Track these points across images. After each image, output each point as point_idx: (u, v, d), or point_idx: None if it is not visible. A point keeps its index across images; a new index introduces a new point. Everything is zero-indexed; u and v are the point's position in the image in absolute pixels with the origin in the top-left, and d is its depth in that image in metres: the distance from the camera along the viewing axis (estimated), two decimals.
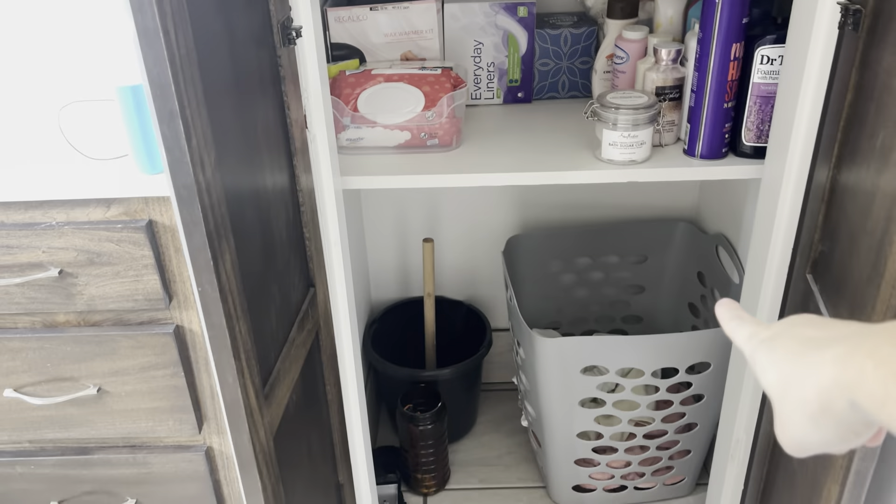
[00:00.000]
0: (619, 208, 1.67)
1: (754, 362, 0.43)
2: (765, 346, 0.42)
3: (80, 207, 1.04)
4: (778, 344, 0.41)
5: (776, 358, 0.41)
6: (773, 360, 0.41)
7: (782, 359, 0.40)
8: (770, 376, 0.41)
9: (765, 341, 0.42)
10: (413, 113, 1.17)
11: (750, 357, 0.43)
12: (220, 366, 0.67)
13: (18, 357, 1.13)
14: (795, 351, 0.39)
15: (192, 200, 0.60)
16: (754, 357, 0.43)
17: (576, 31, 1.36)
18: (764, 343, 0.42)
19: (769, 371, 0.41)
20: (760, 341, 0.43)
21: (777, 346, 0.41)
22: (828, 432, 0.38)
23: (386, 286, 1.78)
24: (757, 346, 0.43)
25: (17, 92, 1.38)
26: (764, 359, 0.42)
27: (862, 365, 0.34)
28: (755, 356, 0.43)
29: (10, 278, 1.06)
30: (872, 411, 0.34)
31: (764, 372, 0.41)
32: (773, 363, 0.41)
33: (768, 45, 1.05)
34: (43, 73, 1.36)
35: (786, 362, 0.40)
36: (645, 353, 1.30)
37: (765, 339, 0.42)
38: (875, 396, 0.33)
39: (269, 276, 0.78)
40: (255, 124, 0.75)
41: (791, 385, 0.39)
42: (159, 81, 0.56)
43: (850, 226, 0.80)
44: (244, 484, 0.74)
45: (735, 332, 0.46)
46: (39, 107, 1.32)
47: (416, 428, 1.49)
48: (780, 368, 0.40)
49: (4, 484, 1.26)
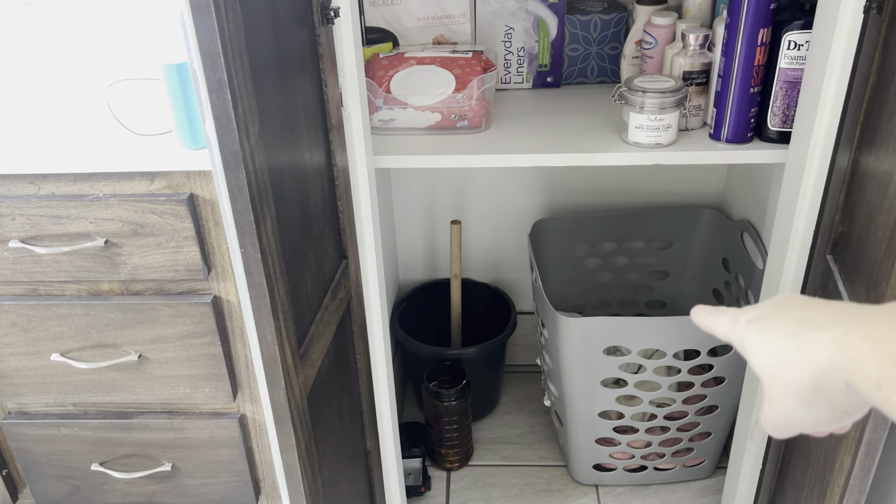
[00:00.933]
0: (645, 194, 1.69)
1: (742, 344, 0.42)
2: (753, 325, 0.41)
3: (126, 180, 1.09)
4: (769, 324, 0.40)
5: (768, 338, 0.40)
6: (764, 339, 0.40)
7: (775, 338, 0.39)
8: (762, 356, 0.40)
9: (753, 321, 0.41)
10: (444, 95, 1.20)
11: (738, 340, 0.42)
12: (260, 324, 0.71)
13: (65, 323, 1.19)
14: (790, 330, 0.39)
15: (238, 166, 0.64)
16: (742, 339, 0.42)
17: (605, 16, 1.38)
18: (752, 323, 0.41)
19: (761, 351, 0.40)
20: (748, 321, 0.42)
21: (768, 326, 0.40)
22: (820, 412, 0.38)
23: (414, 267, 1.82)
24: (744, 327, 0.42)
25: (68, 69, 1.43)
26: (754, 339, 0.41)
27: (858, 347, 0.34)
28: (743, 338, 0.42)
29: (59, 247, 1.11)
30: (867, 394, 0.34)
31: (755, 353, 0.41)
32: (766, 343, 0.40)
33: (795, 30, 1.06)
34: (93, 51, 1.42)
35: (780, 341, 0.39)
36: (667, 334, 1.32)
37: (752, 318, 0.42)
38: (871, 379, 0.33)
39: (305, 243, 0.82)
40: (294, 99, 0.79)
41: (784, 364, 0.38)
42: (210, 53, 0.60)
43: (868, 206, 0.82)
44: (279, 440, 0.78)
45: (714, 323, 0.45)
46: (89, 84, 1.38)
47: (441, 404, 1.53)
48: (773, 348, 0.39)
49: (49, 445, 1.32)
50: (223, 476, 1.35)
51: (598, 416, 1.44)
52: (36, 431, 1.30)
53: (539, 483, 1.58)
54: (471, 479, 1.60)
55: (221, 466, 1.34)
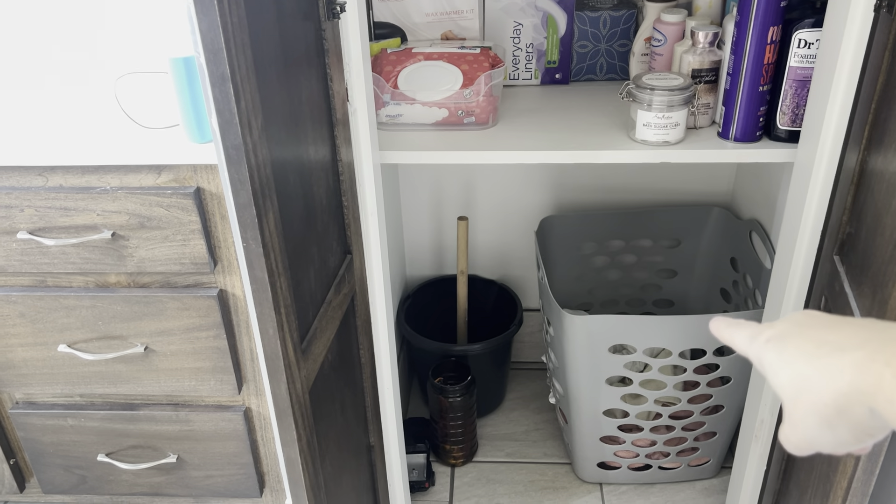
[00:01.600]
0: (653, 192, 1.68)
1: (762, 362, 0.42)
2: (773, 345, 0.41)
3: (133, 173, 1.09)
4: (789, 343, 0.40)
5: (788, 358, 0.40)
6: (784, 359, 0.40)
7: (796, 359, 0.39)
8: (783, 376, 0.40)
9: (772, 340, 0.41)
10: (451, 91, 1.20)
11: (756, 357, 0.42)
12: (262, 318, 0.71)
13: (72, 314, 1.20)
14: (811, 352, 0.39)
15: (240, 160, 0.64)
16: (762, 357, 0.42)
17: (615, 13, 1.37)
18: (771, 342, 0.41)
19: (781, 371, 0.40)
20: (766, 340, 0.42)
21: (788, 346, 0.40)
22: (842, 434, 0.38)
23: (420, 263, 1.82)
24: (763, 346, 0.42)
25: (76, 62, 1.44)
26: (774, 358, 0.41)
27: (881, 373, 0.35)
28: (762, 356, 0.42)
29: (66, 239, 1.12)
30: (891, 419, 0.35)
31: (775, 372, 0.40)
32: (786, 363, 0.40)
33: (806, 28, 1.05)
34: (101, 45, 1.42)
35: (801, 363, 0.39)
36: (673, 333, 1.32)
37: (771, 337, 0.41)
38: (894, 405, 0.34)
39: (309, 237, 0.82)
40: (299, 94, 0.79)
41: (807, 387, 0.38)
42: (213, 47, 0.60)
43: (876, 207, 0.81)
44: (280, 434, 0.78)
45: (733, 337, 0.45)
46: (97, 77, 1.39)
47: (446, 400, 1.53)
48: (793, 369, 0.39)
49: (56, 435, 1.33)
50: (228, 469, 1.36)
51: (602, 415, 1.44)
52: (43, 422, 1.31)
53: (543, 480, 1.58)
54: (475, 476, 1.60)
55: (226, 459, 1.34)
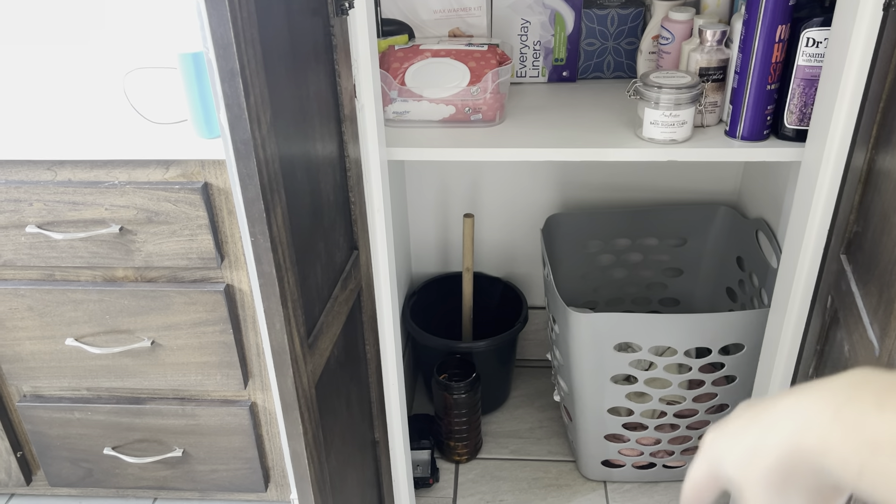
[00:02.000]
0: (660, 191, 1.68)
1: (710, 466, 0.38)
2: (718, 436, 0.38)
3: (141, 168, 1.10)
4: (727, 429, 0.38)
5: (729, 438, 0.37)
6: (726, 442, 0.38)
7: (736, 435, 0.37)
8: (728, 459, 0.37)
9: (717, 436, 0.39)
10: (458, 88, 1.20)
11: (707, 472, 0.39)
12: (269, 313, 0.71)
13: (80, 308, 1.20)
14: (747, 424, 0.37)
15: (249, 155, 0.64)
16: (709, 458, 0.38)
17: (623, 11, 1.37)
18: (717, 437, 0.39)
19: (726, 455, 0.37)
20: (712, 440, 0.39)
21: (726, 431, 0.38)
22: (796, 502, 0.35)
23: (426, 260, 1.82)
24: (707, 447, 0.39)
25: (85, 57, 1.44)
26: (717, 447, 0.38)
27: (828, 429, 0.32)
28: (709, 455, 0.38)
29: (75, 233, 1.13)
30: (847, 480, 0.32)
31: (721, 460, 0.37)
32: (729, 444, 0.37)
33: (814, 27, 1.05)
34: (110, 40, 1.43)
35: (741, 435, 0.37)
36: (678, 332, 1.32)
37: (717, 434, 0.39)
38: (849, 465, 0.31)
39: (316, 232, 0.83)
40: (307, 89, 0.80)
41: (749, 459, 0.36)
42: (222, 42, 0.60)
43: (883, 205, 0.81)
44: (286, 427, 0.79)
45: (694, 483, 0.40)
46: (106, 72, 1.39)
47: (451, 396, 1.53)
48: (736, 445, 0.37)
49: (63, 428, 1.34)
50: (233, 463, 1.36)
51: (607, 413, 1.44)
52: (50, 415, 1.32)
53: (547, 478, 1.59)
54: (479, 472, 1.61)
55: (232, 453, 1.35)
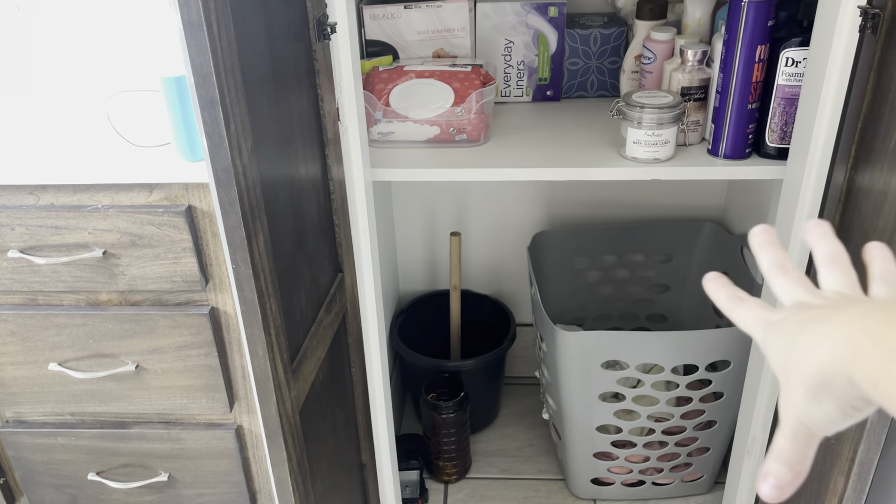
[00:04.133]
0: (645, 207, 1.69)
1: (766, 346, 0.43)
2: (774, 329, 0.42)
3: (125, 192, 1.09)
4: (787, 325, 0.41)
5: (783, 339, 0.41)
6: (781, 341, 0.41)
7: (788, 338, 0.41)
8: (778, 357, 0.41)
9: (773, 325, 0.43)
10: (442, 108, 1.21)
11: (762, 342, 0.44)
12: (252, 340, 0.71)
13: (63, 333, 1.19)
14: (797, 329, 0.40)
15: (230, 183, 0.64)
16: (766, 342, 0.43)
17: (605, 31, 1.38)
18: (773, 326, 0.43)
19: (778, 354, 0.41)
20: (769, 325, 0.43)
21: (785, 327, 0.41)
22: (829, 408, 0.38)
23: (414, 278, 1.82)
24: (767, 331, 0.43)
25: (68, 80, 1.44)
26: (773, 342, 0.42)
27: (858, 343, 0.35)
28: (767, 341, 0.43)
29: (57, 257, 1.12)
30: (866, 390, 0.35)
31: (774, 357, 0.42)
32: (781, 344, 0.41)
33: (793, 47, 1.07)
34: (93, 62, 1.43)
35: (791, 340, 0.40)
36: (666, 349, 1.32)
37: (774, 322, 0.43)
38: (869, 375, 0.34)
39: (299, 257, 0.82)
40: (290, 114, 0.80)
41: (792, 362, 0.39)
42: (202, 71, 0.60)
43: (862, 225, 0.82)
44: (270, 454, 0.78)
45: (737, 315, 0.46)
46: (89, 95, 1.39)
47: (439, 416, 1.53)
48: (785, 347, 0.40)
49: (47, 454, 1.32)
50: (220, 487, 1.35)
51: (596, 430, 1.44)
52: (33, 440, 1.31)
53: (537, 497, 1.58)
54: (468, 492, 1.60)
55: (218, 477, 1.34)
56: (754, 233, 0.48)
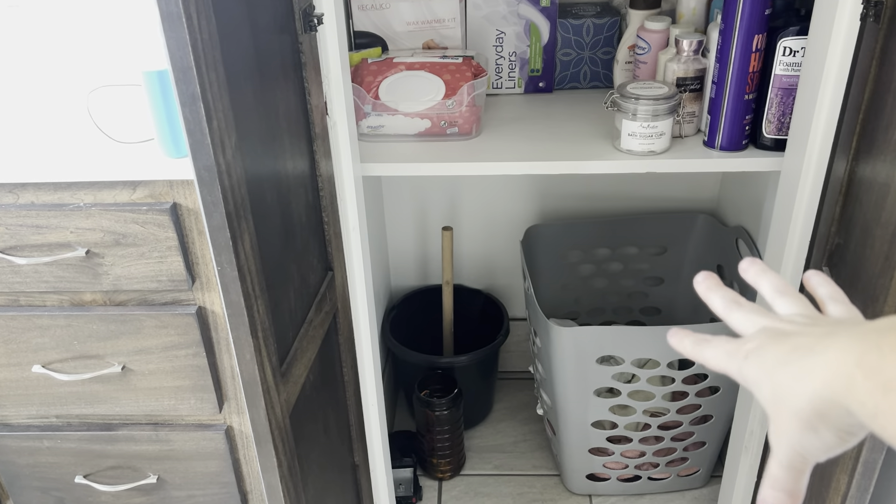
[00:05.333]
0: (639, 199, 1.67)
1: (745, 377, 0.42)
2: (753, 359, 0.41)
3: (107, 189, 1.07)
4: (768, 354, 0.40)
5: (768, 368, 0.40)
6: (764, 372, 0.40)
7: (774, 369, 0.40)
8: (765, 389, 0.40)
9: (751, 354, 0.41)
10: (433, 101, 1.18)
11: (738, 373, 0.42)
12: (238, 343, 0.69)
13: (47, 334, 1.16)
14: (785, 359, 0.39)
15: (213, 182, 0.61)
16: (745, 374, 0.42)
17: (598, 21, 1.36)
18: (751, 357, 0.41)
19: (763, 384, 0.40)
20: (745, 356, 0.41)
21: (767, 357, 0.40)
22: (826, 437, 0.38)
23: (405, 273, 1.80)
24: (744, 363, 0.42)
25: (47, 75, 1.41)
26: (756, 372, 0.41)
27: (851, 374, 0.35)
28: (745, 372, 0.42)
29: (39, 257, 1.09)
30: (864, 421, 0.35)
31: (759, 386, 0.41)
32: (767, 375, 0.40)
33: (791, 36, 1.04)
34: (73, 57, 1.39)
35: (778, 372, 0.39)
36: (661, 343, 1.30)
37: (750, 352, 0.41)
38: (866, 407, 0.34)
39: (288, 257, 0.80)
40: (276, 109, 0.77)
41: (784, 395, 0.39)
42: (181, 65, 0.58)
43: (865, 218, 0.80)
44: (260, 460, 0.76)
45: (706, 355, 0.44)
46: (69, 90, 1.35)
47: (433, 413, 1.51)
48: (773, 379, 0.40)
49: (32, 457, 1.30)
50: (210, 488, 1.33)
51: (591, 426, 1.42)
52: (18, 444, 1.28)
53: (532, 493, 1.56)
54: (463, 489, 1.58)
55: (208, 478, 1.31)
56: (698, 280, 0.48)
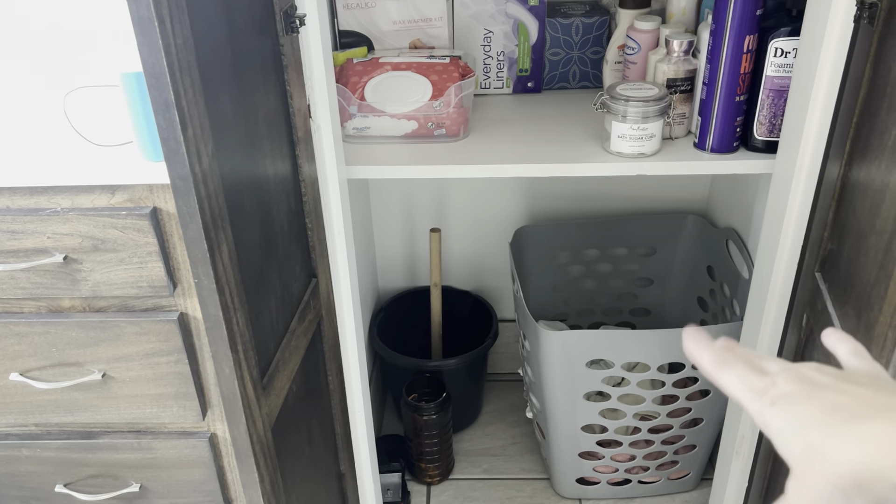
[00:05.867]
0: (628, 200, 1.66)
1: (767, 425, 0.40)
2: (780, 409, 0.39)
3: (85, 194, 1.04)
4: (798, 408, 0.38)
5: (798, 423, 0.38)
6: (794, 426, 0.38)
7: (807, 426, 0.37)
8: (793, 444, 0.38)
9: (779, 402, 0.39)
10: (420, 102, 1.16)
11: (760, 418, 0.40)
12: (217, 357, 0.66)
13: (24, 341, 1.14)
14: (822, 420, 0.37)
15: (189, 191, 0.59)
16: (767, 421, 0.40)
17: (587, 20, 1.34)
18: (778, 405, 0.39)
19: (791, 439, 0.38)
20: (773, 402, 0.39)
21: (797, 410, 0.38)
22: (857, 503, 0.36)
23: (393, 275, 1.78)
24: (770, 409, 0.40)
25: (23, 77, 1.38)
26: (783, 424, 0.39)
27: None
28: (769, 420, 0.39)
29: (15, 263, 1.06)
30: None
31: (784, 439, 0.38)
32: (796, 430, 0.38)
33: (782, 37, 1.03)
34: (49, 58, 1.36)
35: (813, 430, 0.37)
36: (651, 347, 1.29)
37: (777, 399, 0.39)
38: None
39: (269, 266, 0.78)
40: (255, 113, 0.75)
41: (820, 457, 0.37)
42: (154, 71, 0.55)
43: (858, 224, 0.79)
44: (241, 476, 0.74)
45: (724, 380, 0.42)
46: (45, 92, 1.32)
47: (421, 418, 1.49)
48: (805, 437, 0.37)
49: (11, 466, 1.27)
50: (193, 496, 1.30)
51: (581, 430, 1.41)
52: None
53: (521, 497, 1.55)
54: (451, 494, 1.56)
55: (192, 486, 1.29)
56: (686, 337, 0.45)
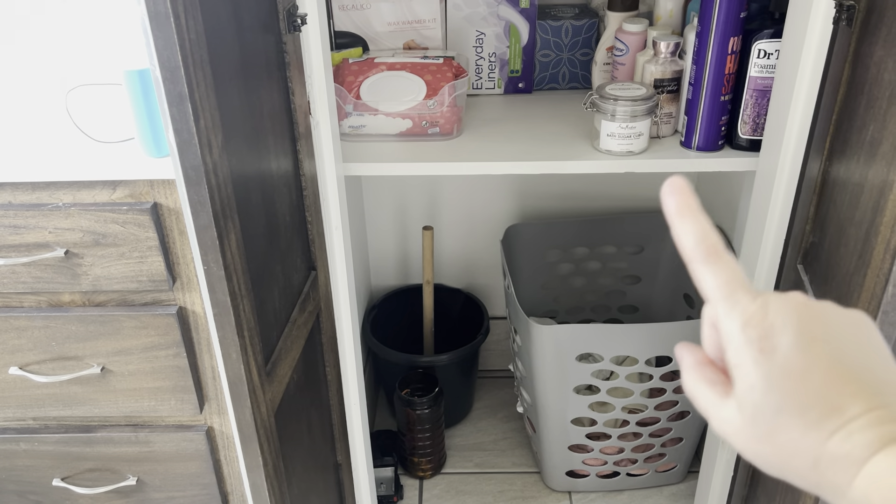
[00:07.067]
0: (616, 199, 1.69)
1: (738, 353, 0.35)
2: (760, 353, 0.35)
3: (87, 189, 1.06)
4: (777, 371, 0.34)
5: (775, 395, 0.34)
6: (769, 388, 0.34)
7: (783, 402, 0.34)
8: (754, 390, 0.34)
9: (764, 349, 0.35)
10: (414, 101, 1.19)
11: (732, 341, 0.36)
12: (224, 343, 0.69)
13: (24, 335, 1.15)
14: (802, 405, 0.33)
15: (200, 181, 0.61)
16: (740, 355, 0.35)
17: (577, 22, 1.37)
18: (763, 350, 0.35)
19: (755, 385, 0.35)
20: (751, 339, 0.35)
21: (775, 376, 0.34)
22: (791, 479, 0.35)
23: (386, 273, 1.80)
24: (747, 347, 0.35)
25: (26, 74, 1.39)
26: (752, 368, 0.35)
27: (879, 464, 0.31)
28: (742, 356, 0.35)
29: (16, 258, 1.08)
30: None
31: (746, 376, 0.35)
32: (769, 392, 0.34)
33: (765, 39, 1.07)
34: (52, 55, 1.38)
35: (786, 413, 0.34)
36: (639, 341, 1.32)
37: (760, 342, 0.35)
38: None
39: (272, 256, 0.80)
40: (260, 108, 0.77)
41: (785, 443, 0.34)
42: (169, 65, 0.58)
43: (839, 217, 0.82)
44: (245, 459, 0.76)
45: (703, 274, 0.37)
46: (48, 89, 1.34)
47: (414, 412, 1.51)
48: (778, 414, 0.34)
49: (9, 460, 1.28)
50: (190, 489, 1.32)
51: (570, 423, 1.44)
52: None
53: (512, 490, 1.58)
54: (444, 488, 1.59)
55: (188, 480, 1.31)
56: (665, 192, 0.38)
